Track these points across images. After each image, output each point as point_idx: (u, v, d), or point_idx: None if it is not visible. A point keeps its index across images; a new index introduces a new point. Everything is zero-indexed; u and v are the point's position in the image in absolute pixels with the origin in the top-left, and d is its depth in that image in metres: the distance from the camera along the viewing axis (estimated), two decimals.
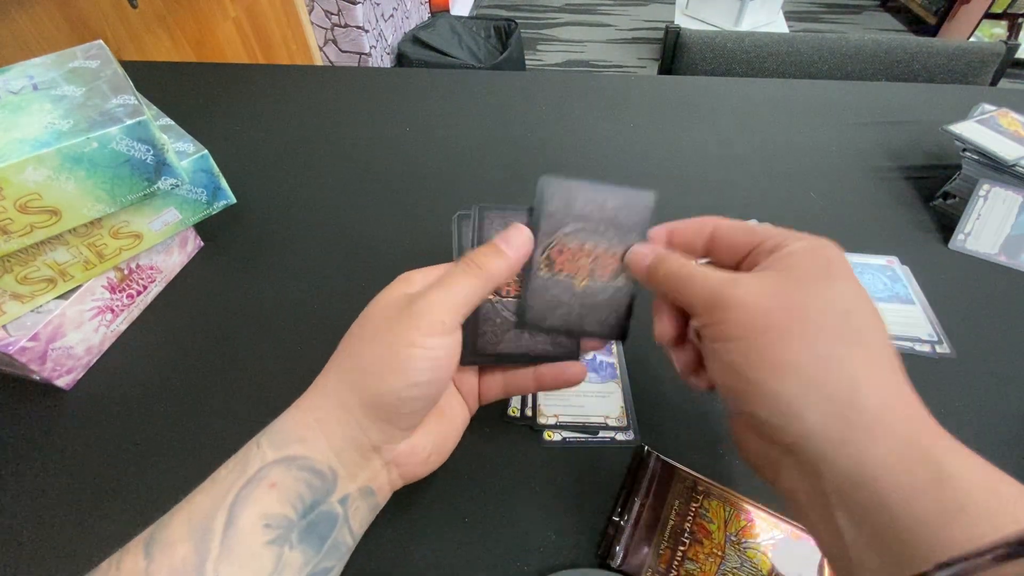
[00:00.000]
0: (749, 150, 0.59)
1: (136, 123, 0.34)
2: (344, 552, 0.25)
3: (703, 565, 0.30)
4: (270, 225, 0.50)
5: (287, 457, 0.24)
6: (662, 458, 0.34)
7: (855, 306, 0.22)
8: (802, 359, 0.21)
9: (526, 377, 0.31)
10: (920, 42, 0.85)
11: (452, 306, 0.25)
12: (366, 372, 0.25)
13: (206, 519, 0.22)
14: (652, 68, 2.47)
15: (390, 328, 0.25)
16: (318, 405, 0.25)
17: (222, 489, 0.23)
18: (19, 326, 0.35)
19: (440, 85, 0.69)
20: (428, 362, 0.24)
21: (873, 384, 0.20)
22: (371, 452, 0.26)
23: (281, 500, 0.23)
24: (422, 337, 0.24)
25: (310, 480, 0.24)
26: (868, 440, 0.19)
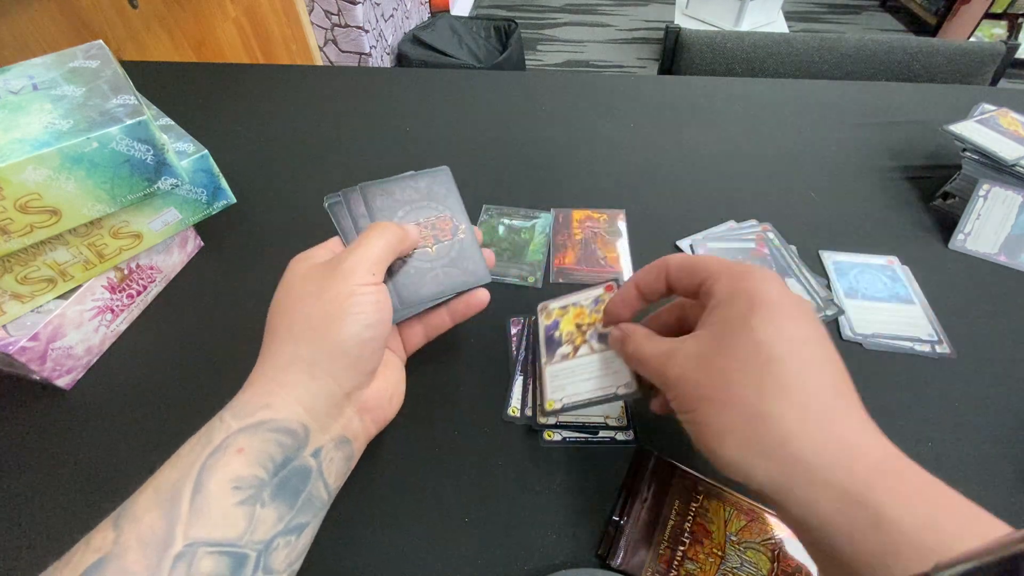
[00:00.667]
0: (749, 150, 0.59)
1: (136, 123, 0.34)
2: (319, 507, 0.26)
3: (703, 565, 0.30)
4: (270, 225, 0.50)
5: (254, 423, 0.24)
6: (662, 458, 0.34)
7: (776, 350, 0.22)
8: (736, 422, 0.22)
9: (440, 316, 0.35)
10: (920, 42, 0.85)
11: (375, 259, 0.29)
12: (320, 327, 0.27)
13: (173, 489, 0.22)
14: (652, 68, 2.47)
15: (324, 288, 0.28)
16: (277, 371, 0.26)
17: (187, 461, 0.23)
18: (19, 326, 0.35)
19: (440, 85, 0.69)
20: (373, 305, 0.28)
21: (804, 433, 0.21)
22: (344, 400, 0.27)
23: (250, 462, 0.23)
24: (360, 287, 0.27)
25: (281, 440, 0.24)
26: (809, 489, 0.21)
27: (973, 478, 0.34)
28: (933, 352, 0.41)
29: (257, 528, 0.22)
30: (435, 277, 0.33)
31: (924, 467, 0.34)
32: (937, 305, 0.43)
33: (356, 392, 0.28)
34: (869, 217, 0.52)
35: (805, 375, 0.22)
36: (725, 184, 0.55)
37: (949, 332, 0.42)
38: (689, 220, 0.50)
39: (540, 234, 0.49)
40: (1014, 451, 0.35)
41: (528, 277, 0.46)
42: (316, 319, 0.27)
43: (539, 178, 0.55)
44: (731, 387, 0.23)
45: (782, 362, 0.22)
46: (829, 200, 0.53)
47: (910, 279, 0.46)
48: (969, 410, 0.37)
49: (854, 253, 0.47)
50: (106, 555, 0.20)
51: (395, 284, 0.33)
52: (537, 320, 0.38)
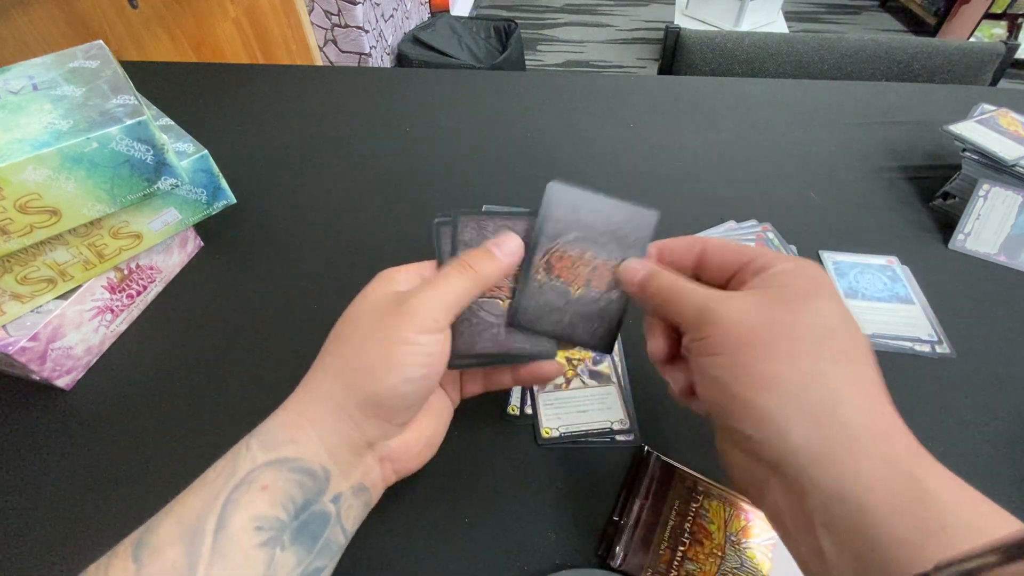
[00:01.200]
0: (749, 150, 0.59)
1: (136, 123, 0.34)
2: (336, 551, 0.25)
3: (703, 565, 0.30)
4: (270, 225, 0.50)
5: (278, 459, 0.23)
6: (662, 458, 0.34)
7: (839, 325, 0.22)
8: (785, 374, 0.21)
9: (503, 375, 0.32)
10: (920, 42, 0.85)
11: (445, 304, 0.25)
12: (360, 370, 0.25)
13: (196, 522, 0.21)
14: (652, 68, 2.47)
15: (382, 326, 0.25)
16: (309, 406, 0.25)
17: (212, 492, 0.22)
18: (19, 326, 0.35)
19: (440, 85, 0.69)
20: (422, 358, 0.25)
21: (855, 401, 0.21)
22: (365, 449, 0.26)
23: (272, 502, 0.22)
24: (416, 334, 0.24)
25: (302, 480, 0.23)
26: (850, 457, 0.20)
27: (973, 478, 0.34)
28: (933, 352, 0.41)
29: (276, 572, 0.22)
30: (495, 336, 0.29)
31: None
32: (937, 305, 0.43)
33: (380, 442, 0.26)
34: (869, 217, 0.52)
35: (862, 352, 0.22)
36: (725, 184, 0.55)
37: (949, 332, 0.42)
38: (689, 220, 0.50)
39: None
40: (1014, 451, 0.35)
41: None
42: (361, 358, 0.25)
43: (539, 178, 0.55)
44: (792, 338, 0.21)
45: (844, 334, 0.22)
46: (829, 200, 0.53)
47: (910, 279, 0.46)
48: (969, 410, 0.37)
49: (854, 253, 0.47)
50: None
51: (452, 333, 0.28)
52: None
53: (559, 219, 0.29)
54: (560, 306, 0.29)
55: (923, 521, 0.18)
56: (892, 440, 0.20)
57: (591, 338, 0.29)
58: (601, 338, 0.29)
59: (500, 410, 0.37)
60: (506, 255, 0.28)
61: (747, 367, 0.22)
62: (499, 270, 0.27)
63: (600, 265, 0.29)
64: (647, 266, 0.28)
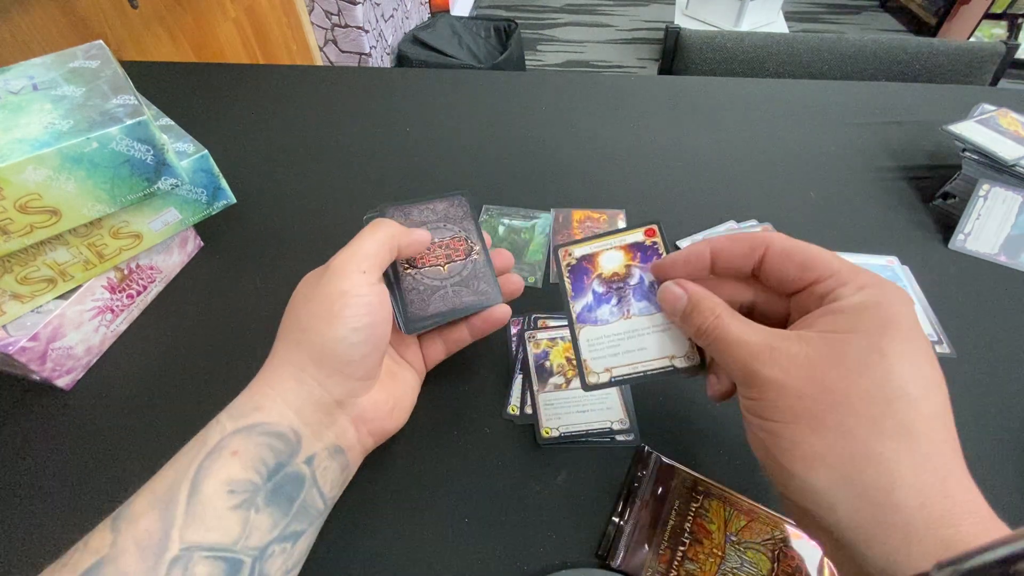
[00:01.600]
0: (749, 150, 0.59)
1: (136, 123, 0.34)
2: (315, 515, 0.25)
3: (703, 565, 0.30)
4: (270, 225, 0.50)
5: (247, 426, 0.24)
6: (662, 458, 0.34)
7: (910, 388, 0.20)
8: (835, 452, 0.19)
9: (460, 331, 0.35)
10: (920, 42, 0.85)
11: (364, 256, 0.28)
12: (308, 329, 0.26)
13: (169, 491, 0.22)
14: (652, 68, 2.47)
15: (317, 291, 0.27)
16: (271, 374, 0.26)
17: (184, 462, 0.23)
18: (19, 326, 0.35)
19: (440, 85, 0.69)
20: (361, 307, 0.26)
21: (915, 483, 0.19)
22: (335, 408, 0.27)
23: (244, 466, 0.23)
24: (349, 286, 0.27)
25: (272, 444, 0.24)
26: (903, 541, 0.18)
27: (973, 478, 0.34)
28: None
29: (252, 534, 0.22)
30: (443, 295, 0.33)
31: None
32: (937, 305, 0.43)
33: (349, 400, 0.27)
34: (869, 217, 0.52)
35: (932, 424, 0.20)
36: (725, 184, 0.55)
37: (949, 332, 0.42)
38: (689, 220, 0.50)
39: (540, 234, 0.49)
40: (1014, 451, 0.35)
41: (528, 277, 0.46)
42: (305, 320, 0.27)
43: (539, 178, 0.55)
44: (843, 414, 0.19)
45: (911, 404, 0.19)
46: (829, 200, 0.53)
47: (910, 279, 0.46)
48: (969, 410, 0.37)
49: (854, 253, 0.47)
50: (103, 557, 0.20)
51: (403, 299, 0.32)
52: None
53: None
54: (439, 285, 0.33)
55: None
56: (955, 524, 0.18)
57: (479, 296, 0.33)
58: (487, 292, 0.34)
59: (500, 410, 0.37)
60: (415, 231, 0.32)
61: (795, 442, 0.20)
62: (402, 229, 0.31)
63: (450, 241, 0.35)
64: (690, 293, 0.25)
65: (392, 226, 0.30)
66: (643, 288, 0.29)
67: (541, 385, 0.38)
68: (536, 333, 0.41)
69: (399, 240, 0.30)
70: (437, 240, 0.35)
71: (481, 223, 0.50)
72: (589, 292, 0.30)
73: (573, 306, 0.30)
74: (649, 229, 0.31)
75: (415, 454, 0.35)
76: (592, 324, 0.30)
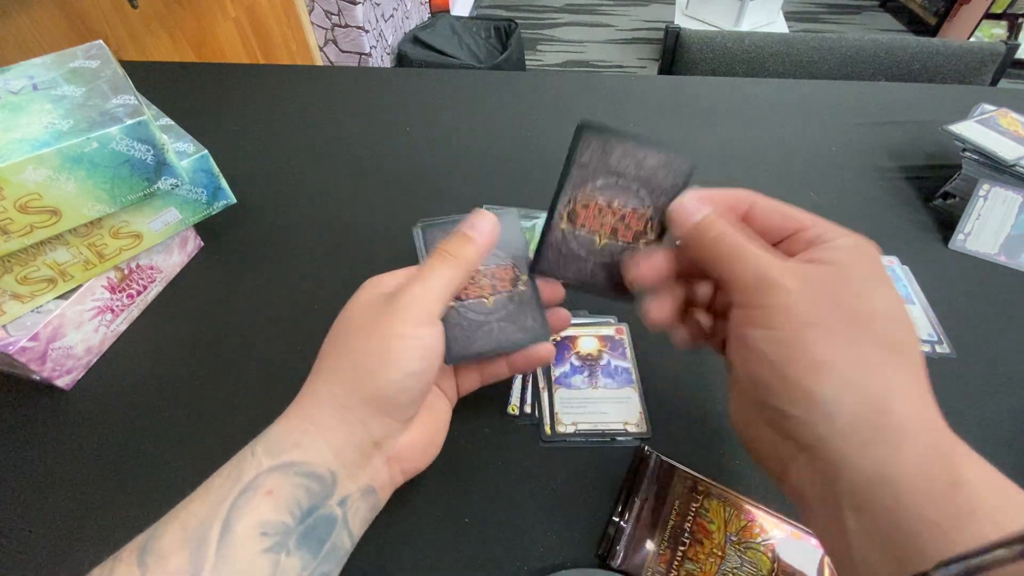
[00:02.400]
0: (749, 150, 0.59)
1: (136, 123, 0.34)
2: (342, 555, 0.25)
3: (703, 565, 0.30)
4: (270, 225, 0.50)
5: (284, 464, 0.23)
6: (662, 458, 0.34)
7: (898, 313, 0.22)
8: (843, 360, 0.20)
9: (499, 365, 0.32)
10: (920, 42, 0.85)
11: (434, 296, 0.26)
12: (361, 367, 0.25)
13: (201, 527, 0.21)
14: (652, 68, 2.47)
15: (376, 324, 0.25)
16: (313, 409, 0.25)
17: (217, 497, 0.22)
18: (19, 326, 0.35)
19: (440, 85, 0.69)
20: (420, 351, 0.25)
21: (906, 392, 0.21)
22: (372, 449, 0.26)
23: (278, 507, 0.22)
24: (411, 328, 0.25)
25: (308, 485, 0.23)
26: (894, 444, 0.20)
27: None
28: (933, 352, 0.41)
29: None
30: (489, 332, 0.30)
31: None
32: (937, 305, 0.43)
33: (387, 441, 0.26)
34: (869, 217, 0.52)
35: (914, 343, 0.22)
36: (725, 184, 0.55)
37: (949, 332, 0.42)
38: None
39: None
40: (1014, 451, 0.35)
41: None
42: (359, 356, 0.25)
43: (539, 178, 0.55)
44: (855, 323, 0.21)
45: (907, 329, 0.22)
46: (829, 200, 0.53)
47: (910, 279, 0.46)
48: (969, 410, 0.37)
49: None
50: None
51: (446, 335, 0.29)
52: None
53: (586, 164, 0.28)
54: (583, 256, 0.29)
55: (956, 505, 0.18)
56: (935, 430, 0.21)
57: (526, 332, 0.30)
58: (531, 327, 0.30)
59: (500, 410, 0.37)
60: (482, 235, 0.28)
61: (805, 349, 0.21)
62: (476, 250, 0.28)
63: (629, 214, 0.28)
64: (704, 210, 0.26)
65: (466, 261, 0.27)
66: (609, 368, 0.39)
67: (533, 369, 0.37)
68: None
69: (470, 274, 0.28)
70: (482, 268, 0.30)
71: None
72: (567, 363, 0.39)
73: (554, 371, 0.38)
74: (619, 328, 0.41)
75: None
76: (566, 387, 0.38)
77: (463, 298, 0.30)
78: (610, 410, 0.37)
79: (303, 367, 0.27)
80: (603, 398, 0.37)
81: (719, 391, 0.38)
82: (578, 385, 0.38)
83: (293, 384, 0.26)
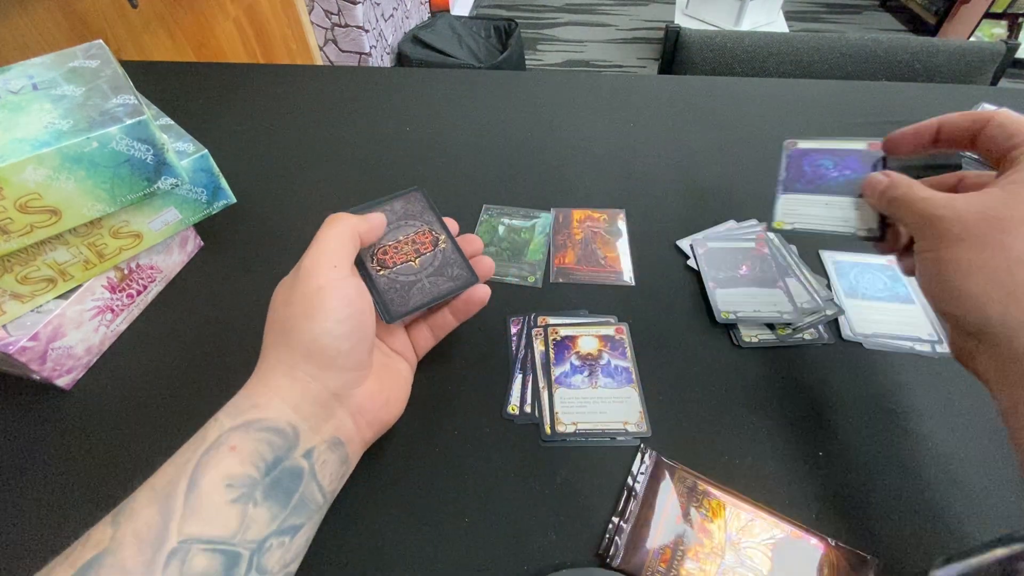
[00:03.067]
0: (749, 150, 0.59)
1: (136, 123, 0.34)
2: (314, 509, 0.26)
3: (703, 565, 0.30)
4: (270, 225, 0.50)
5: (245, 423, 0.25)
6: (662, 458, 0.34)
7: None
8: (991, 265, 0.24)
9: (444, 316, 0.36)
10: (920, 42, 0.84)
11: (331, 251, 0.29)
12: (292, 329, 0.27)
13: (168, 486, 0.22)
14: (652, 68, 2.47)
15: (294, 293, 0.28)
16: (265, 374, 0.27)
17: (183, 459, 0.24)
18: (19, 326, 0.35)
19: (440, 85, 0.69)
20: (340, 299, 0.27)
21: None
22: (332, 401, 0.27)
23: (243, 461, 0.23)
24: (325, 281, 0.27)
25: (270, 439, 0.25)
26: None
27: (973, 478, 0.34)
28: (933, 352, 0.41)
29: (250, 527, 0.22)
30: (421, 288, 0.34)
31: (924, 467, 0.34)
32: None
33: (345, 392, 0.28)
34: None
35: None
36: (725, 184, 0.55)
37: None
38: (689, 220, 0.50)
39: (540, 234, 0.49)
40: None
41: (528, 277, 0.46)
42: (288, 321, 0.27)
43: (539, 178, 0.55)
44: (1002, 233, 0.24)
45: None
46: None
47: (910, 279, 0.46)
48: (969, 410, 0.37)
49: (854, 253, 0.47)
50: (103, 550, 0.21)
51: (382, 299, 0.33)
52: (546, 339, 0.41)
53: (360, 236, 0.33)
54: (414, 279, 0.34)
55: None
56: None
57: (455, 281, 0.34)
58: (463, 275, 0.35)
59: (500, 410, 0.37)
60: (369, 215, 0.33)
61: (954, 259, 0.25)
62: (358, 219, 0.31)
63: (414, 236, 0.36)
64: (888, 177, 0.33)
65: (347, 218, 0.31)
66: (609, 368, 0.39)
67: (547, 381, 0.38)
68: (542, 331, 0.41)
69: (358, 228, 0.31)
70: (402, 237, 0.35)
71: (481, 223, 0.50)
72: (567, 363, 0.39)
73: (554, 371, 0.39)
74: (619, 328, 0.41)
75: (414, 454, 0.35)
76: (566, 387, 0.38)
77: (391, 265, 0.34)
78: (610, 410, 0.37)
79: None
80: (603, 398, 0.37)
81: (719, 391, 0.38)
82: (578, 385, 0.38)
83: None
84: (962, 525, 0.32)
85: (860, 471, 0.34)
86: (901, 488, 0.34)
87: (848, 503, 0.33)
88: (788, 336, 0.41)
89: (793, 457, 0.35)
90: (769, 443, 0.36)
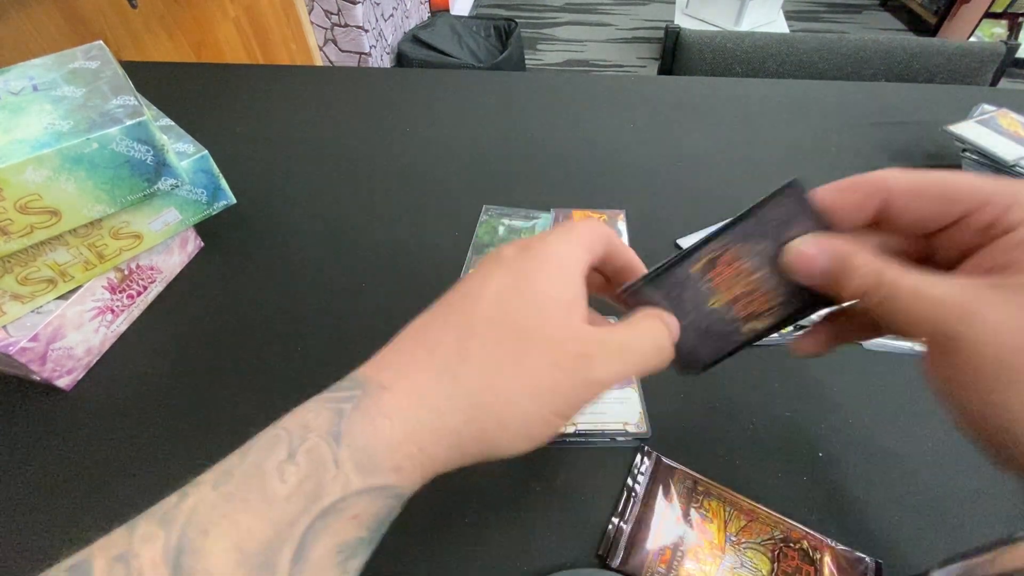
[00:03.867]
0: (749, 150, 0.59)
1: (136, 124, 0.34)
2: None
3: (703, 565, 0.30)
4: (270, 225, 0.50)
5: (378, 487, 0.20)
6: (662, 458, 0.34)
7: None
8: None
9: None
10: (920, 42, 0.84)
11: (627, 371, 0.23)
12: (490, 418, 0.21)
13: (264, 551, 0.17)
14: (652, 68, 2.47)
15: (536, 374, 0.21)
16: (422, 433, 0.20)
17: (284, 516, 0.18)
18: (19, 326, 0.35)
19: (440, 85, 0.69)
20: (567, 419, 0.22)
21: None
22: None
23: (358, 526, 0.20)
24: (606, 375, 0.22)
25: (393, 505, 0.21)
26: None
27: (973, 478, 0.34)
28: None
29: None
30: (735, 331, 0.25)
31: (924, 467, 0.34)
32: None
33: None
34: None
35: None
36: (725, 184, 0.55)
37: None
38: (689, 220, 0.50)
39: None
40: None
41: None
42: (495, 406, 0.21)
43: (539, 178, 0.55)
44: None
45: None
46: None
47: None
48: None
49: None
50: None
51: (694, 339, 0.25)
52: None
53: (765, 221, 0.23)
54: (687, 308, 0.25)
55: None
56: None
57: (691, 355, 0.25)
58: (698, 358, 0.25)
59: None
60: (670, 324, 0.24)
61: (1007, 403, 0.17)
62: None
63: (757, 292, 0.24)
64: (831, 249, 0.21)
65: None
66: None
67: None
68: None
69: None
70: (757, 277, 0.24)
71: (481, 223, 0.50)
72: None
73: None
74: None
75: None
76: None
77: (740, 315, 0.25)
78: (610, 410, 0.37)
79: (303, 366, 0.27)
80: (603, 398, 0.37)
81: (719, 391, 0.38)
82: None
83: (293, 384, 0.26)
84: (962, 525, 0.32)
85: (860, 471, 0.34)
86: (901, 488, 0.34)
87: (848, 503, 0.33)
88: (788, 335, 0.41)
89: (793, 457, 0.35)
90: (769, 443, 0.36)
